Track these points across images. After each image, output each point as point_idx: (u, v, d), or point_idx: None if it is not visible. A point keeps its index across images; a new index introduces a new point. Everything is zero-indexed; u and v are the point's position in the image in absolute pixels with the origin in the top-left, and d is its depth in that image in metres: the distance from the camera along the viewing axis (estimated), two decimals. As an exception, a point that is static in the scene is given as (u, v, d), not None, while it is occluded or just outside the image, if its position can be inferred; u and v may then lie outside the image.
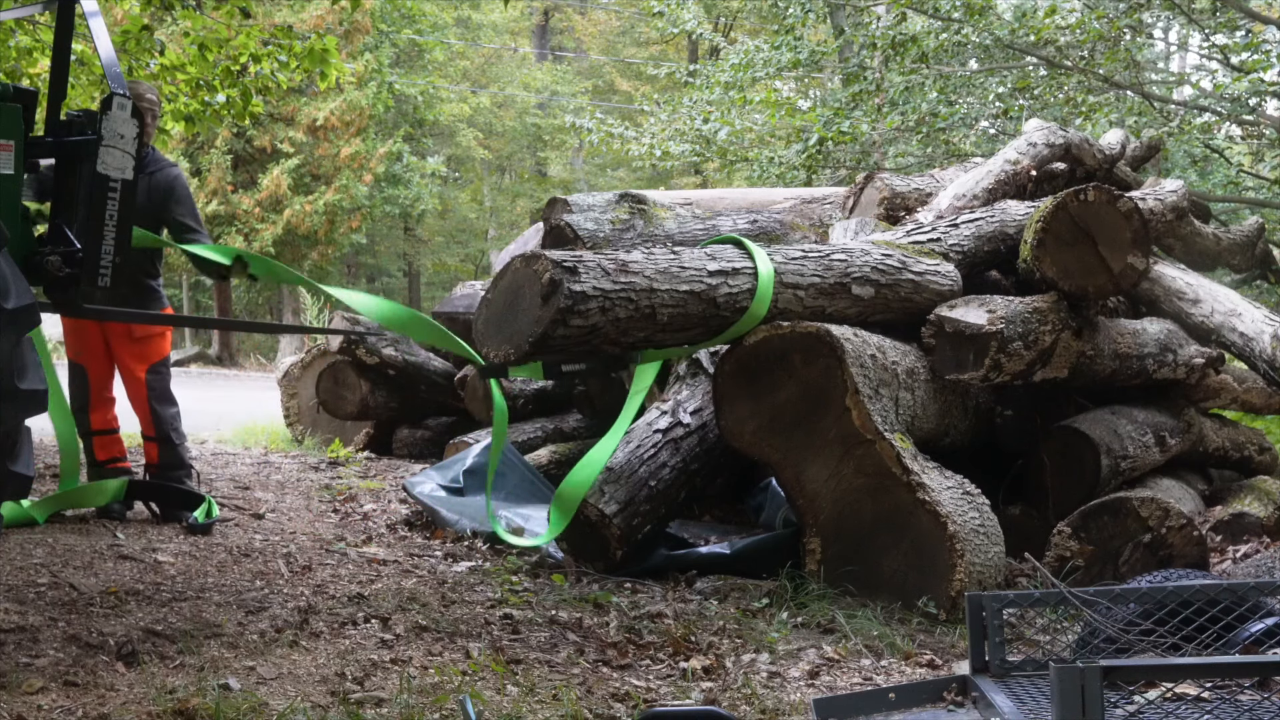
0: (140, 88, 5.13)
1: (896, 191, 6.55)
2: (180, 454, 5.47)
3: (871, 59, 12.84)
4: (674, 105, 15.64)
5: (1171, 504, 4.45)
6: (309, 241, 19.96)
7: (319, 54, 7.60)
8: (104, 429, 5.42)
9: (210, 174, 19.25)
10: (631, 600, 4.24)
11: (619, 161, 24.03)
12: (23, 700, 2.86)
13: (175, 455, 5.44)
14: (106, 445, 5.43)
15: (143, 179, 4.98)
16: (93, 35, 3.80)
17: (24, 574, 4.04)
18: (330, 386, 7.94)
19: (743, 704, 3.16)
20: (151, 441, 5.43)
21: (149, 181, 5.13)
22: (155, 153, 5.32)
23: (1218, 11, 11.16)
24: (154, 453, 5.44)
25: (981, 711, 2.32)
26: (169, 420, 5.40)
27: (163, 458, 5.42)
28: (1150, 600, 2.43)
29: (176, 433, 5.46)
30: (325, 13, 18.51)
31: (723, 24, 25.05)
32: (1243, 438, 6.72)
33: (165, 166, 5.34)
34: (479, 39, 28.70)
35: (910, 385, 4.71)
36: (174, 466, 5.44)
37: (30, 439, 3.15)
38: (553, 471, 6.08)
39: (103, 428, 5.42)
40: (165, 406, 5.39)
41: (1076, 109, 11.34)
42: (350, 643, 3.54)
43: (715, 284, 4.44)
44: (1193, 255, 7.43)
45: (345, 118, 19.71)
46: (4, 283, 2.99)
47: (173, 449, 5.43)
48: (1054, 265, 5.07)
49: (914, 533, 4.22)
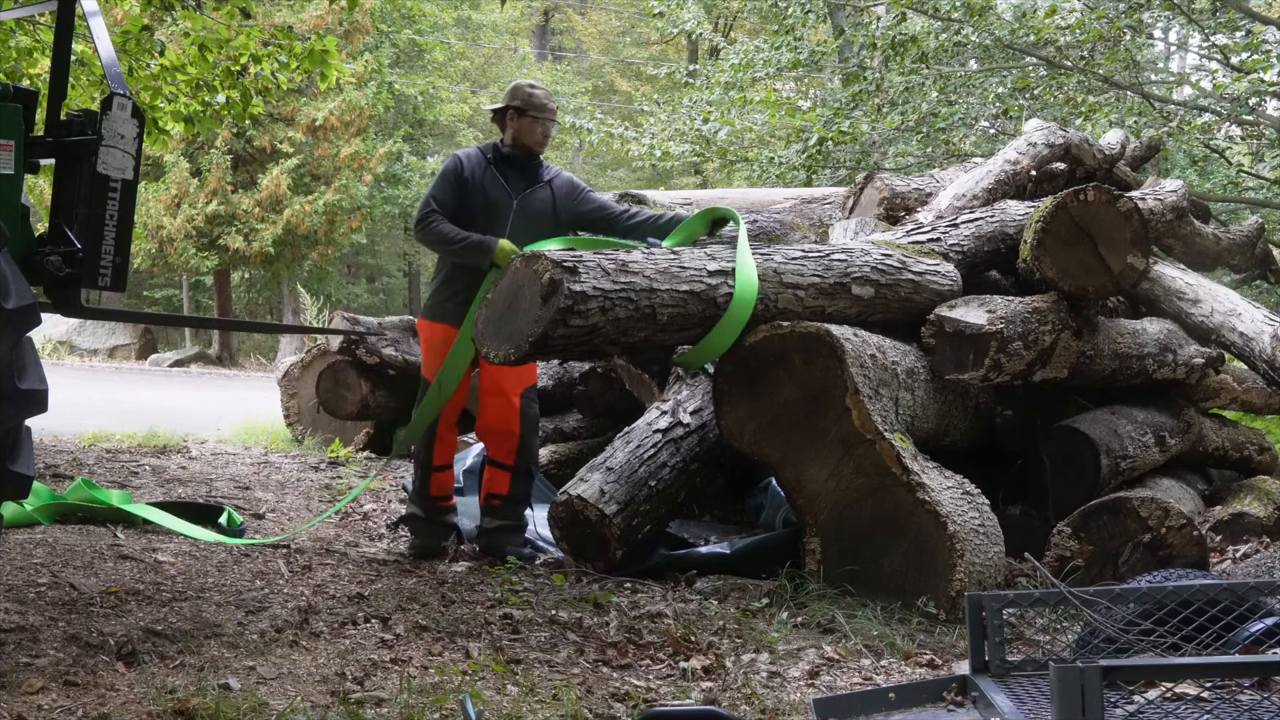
0: (545, 98, 5.00)
1: (896, 191, 6.55)
2: (530, 489, 5.00)
3: (871, 59, 12.83)
4: (674, 105, 15.64)
5: (1171, 504, 4.45)
6: (309, 241, 19.95)
7: (319, 55, 7.61)
8: (444, 464, 5.01)
9: (210, 174, 19.24)
10: (631, 600, 4.24)
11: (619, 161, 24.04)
12: (23, 700, 2.86)
13: (528, 490, 4.97)
14: (442, 482, 4.99)
15: (542, 188, 4.94)
16: (93, 35, 3.80)
17: (24, 574, 4.04)
18: (330, 386, 7.93)
19: (743, 704, 3.16)
20: (506, 470, 4.93)
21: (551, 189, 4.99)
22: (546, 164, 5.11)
23: (1218, 11, 11.16)
24: (505, 483, 4.92)
25: (981, 711, 2.32)
26: (534, 452, 5.02)
27: (515, 490, 4.93)
28: (1150, 600, 2.43)
29: (536, 465, 5.07)
30: (325, 13, 18.50)
31: (723, 24, 25.05)
32: (1243, 438, 6.72)
33: (558, 172, 5.11)
34: (479, 39, 28.70)
35: (910, 385, 4.71)
36: (522, 501, 4.97)
37: (30, 439, 3.14)
38: (553, 472, 6.08)
39: (443, 462, 5.00)
40: (534, 437, 5.00)
41: (1076, 109, 11.34)
42: (350, 643, 3.55)
43: (715, 284, 4.44)
44: (1193, 255, 7.43)
45: (345, 118, 19.70)
46: (4, 283, 2.99)
47: (528, 483, 4.97)
48: (1054, 265, 5.07)
49: (914, 533, 4.22)
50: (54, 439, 7.65)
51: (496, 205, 4.89)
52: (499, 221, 4.87)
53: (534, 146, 4.99)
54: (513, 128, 4.98)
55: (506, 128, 5.00)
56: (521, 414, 4.91)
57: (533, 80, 5.29)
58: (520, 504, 4.97)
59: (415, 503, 5.02)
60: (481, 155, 4.99)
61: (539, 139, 4.99)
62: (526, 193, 4.94)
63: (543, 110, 4.98)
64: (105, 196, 3.51)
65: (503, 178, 4.93)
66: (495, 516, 4.95)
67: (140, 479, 6.36)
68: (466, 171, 4.91)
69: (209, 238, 19.38)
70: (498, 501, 4.94)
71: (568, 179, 5.09)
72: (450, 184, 4.90)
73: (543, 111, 4.98)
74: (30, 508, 4.86)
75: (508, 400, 4.87)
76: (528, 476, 4.97)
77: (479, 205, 4.89)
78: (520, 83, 5.09)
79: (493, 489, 4.95)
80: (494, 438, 4.94)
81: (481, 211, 4.88)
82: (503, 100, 5.05)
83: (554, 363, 6.93)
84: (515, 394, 4.89)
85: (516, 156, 4.97)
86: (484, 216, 4.87)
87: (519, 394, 4.91)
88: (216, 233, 19.37)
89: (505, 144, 5.01)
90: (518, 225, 4.88)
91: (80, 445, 7.66)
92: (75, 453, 7.19)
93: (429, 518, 4.98)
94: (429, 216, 4.85)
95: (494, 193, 4.91)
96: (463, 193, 4.90)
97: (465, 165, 4.93)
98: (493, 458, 4.99)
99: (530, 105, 4.96)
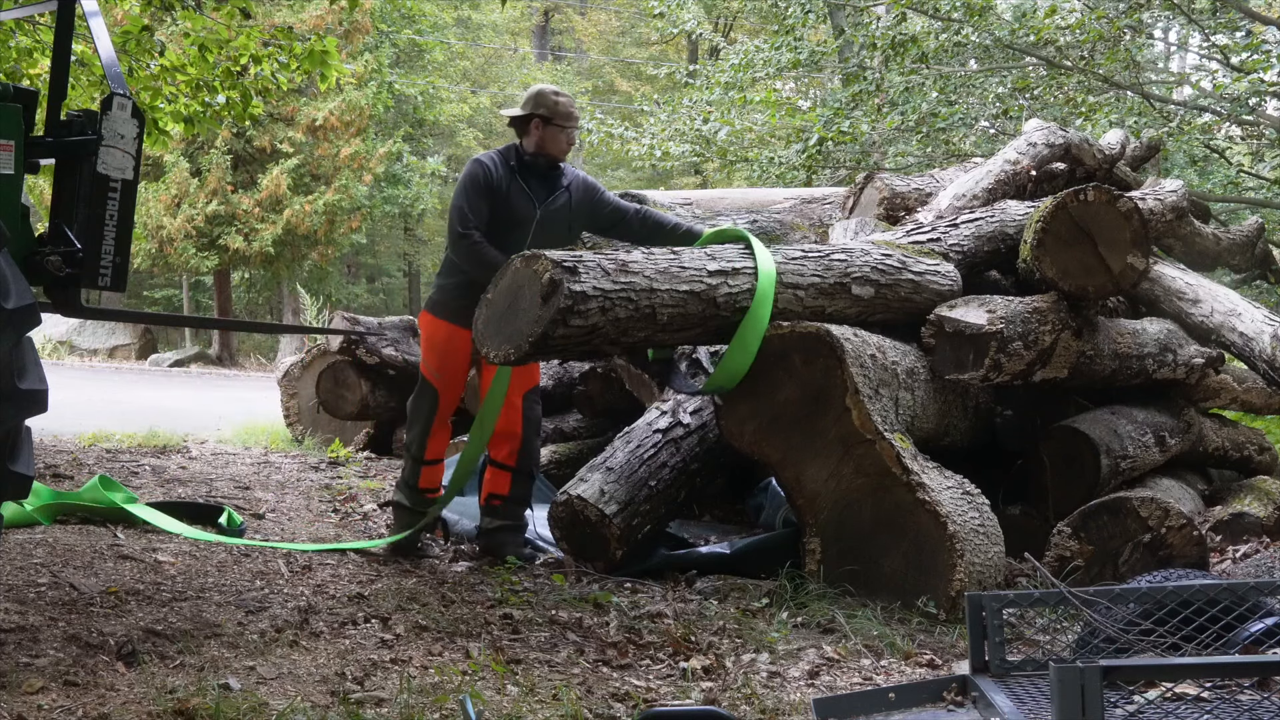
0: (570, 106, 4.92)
1: (896, 191, 6.55)
2: (531, 491, 4.99)
3: (871, 59, 12.83)
4: (674, 105, 15.63)
5: (1171, 504, 4.45)
6: (309, 241, 19.96)
7: (319, 55, 7.61)
8: (435, 458, 4.97)
9: (210, 174, 19.25)
10: (631, 600, 4.24)
11: (619, 161, 24.04)
12: (23, 700, 2.86)
13: (528, 491, 4.96)
14: (431, 475, 4.97)
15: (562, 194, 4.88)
16: (93, 35, 3.80)
17: (24, 574, 4.04)
18: (330, 386, 7.94)
19: (743, 704, 3.16)
20: (507, 471, 4.91)
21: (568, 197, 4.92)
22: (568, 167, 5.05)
23: (1218, 11, 11.16)
24: (506, 484, 4.90)
25: (981, 711, 2.32)
26: (536, 454, 5.01)
27: (515, 491, 4.91)
28: (1150, 600, 2.43)
29: (538, 467, 5.06)
30: (325, 13, 18.51)
31: (723, 24, 25.06)
32: (1243, 438, 6.72)
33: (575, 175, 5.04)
34: (479, 39, 28.71)
35: (910, 385, 4.71)
36: (522, 502, 4.96)
37: (30, 439, 3.14)
38: (553, 472, 6.08)
39: (435, 456, 4.97)
40: (537, 438, 4.98)
41: (1076, 109, 11.34)
42: (350, 643, 3.55)
43: (715, 284, 4.44)
44: (1193, 255, 7.43)
45: (345, 118, 19.70)
46: (4, 283, 2.99)
47: (529, 485, 4.96)
48: (1054, 265, 5.07)
49: (914, 533, 4.22)
50: (54, 439, 7.65)
51: (520, 216, 4.79)
52: (521, 232, 4.76)
53: (558, 155, 4.89)
54: (537, 135, 4.84)
55: (530, 135, 4.86)
56: (524, 416, 4.89)
57: (556, 87, 5.17)
58: (521, 505, 4.96)
59: (402, 491, 5.01)
60: (505, 162, 4.85)
61: (564, 148, 4.89)
62: (548, 201, 4.85)
63: (569, 119, 4.88)
64: (105, 196, 3.51)
65: (527, 187, 4.82)
66: (496, 517, 4.94)
67: (140, 479, 6.36)
68: (494, 180, 4.78)
69: (209, 238, 19.39)
70: (498, 502, 4.93)
71: (583, 180, 5.00)
72: (481, 194, 4.76)
73: (569, 120, 4.88)
74: (30, 508, 4.85)
75: (510, 402, 4.82)
76: (529, 478, 4.96)
77: (504, 215, 4.78)
78: (544, 89, 4.97)
79: (494, 490, 4.94)
80: (496, 439, 4.91)
81: (506, 221, 4.77)
82: (526, 107, 4.89)
83: (554, 363, 6.93)
84: (517, 395, 4.86)
85: (539, 165, 4.86)
86: (507, 226, 4.76)
87: (521, 396, 4.87)
88: (216, 233, 19.37)
89: (528, 152, 4.87)
90: (539, 235, 4.78)
91: (80, 445, 7.66)
92: (75, 453, 7.19)
93: (414, 508, 4.97)
94: (468, 235, 4.71)
95: (519, 202, 4.80)
96: (491, 202, 4.78)
97: (493, 173, 4.79)
98: (494, 458, 4.96)
99: (556, 114, 4.84)
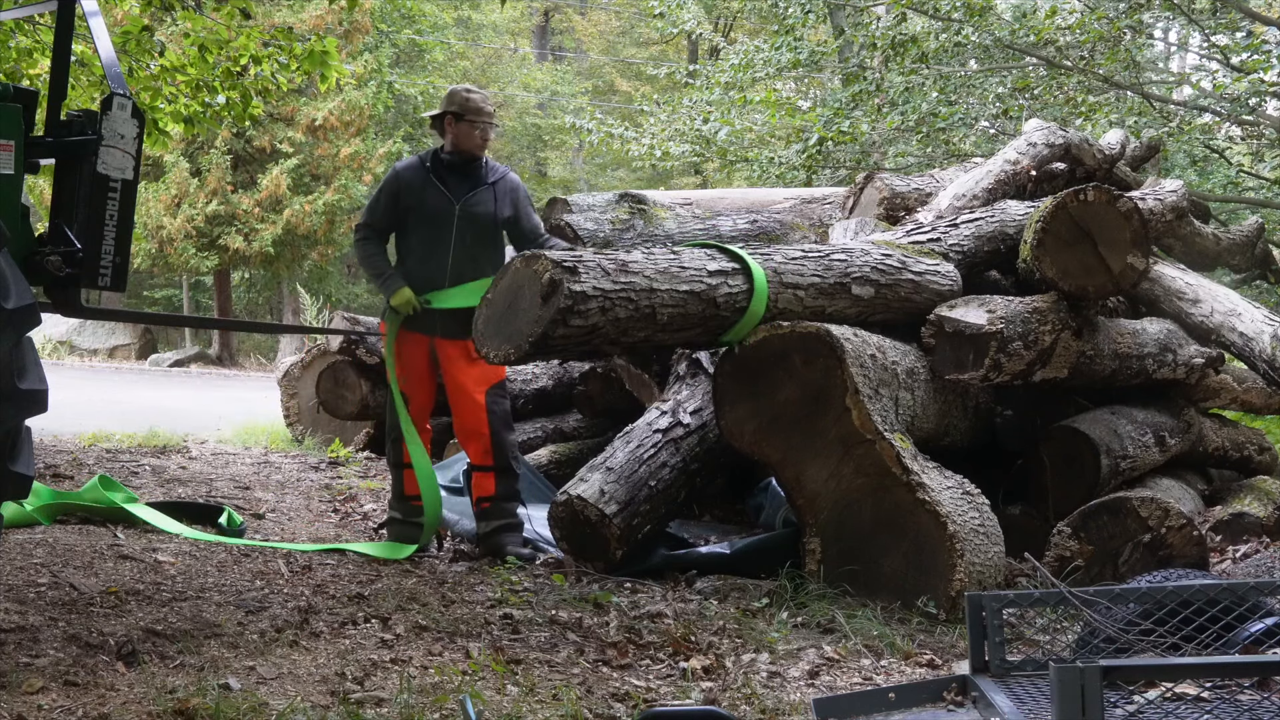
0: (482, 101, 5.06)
1: (896, 191, 6.56)
2: (517, 484, 5.00)
3: (871, 59, 12.84)
4: (674, 105, 15.64)
5: (1171, 504, 4.45)
6: (309, 241, 19.95)
7: (319, 55, 7.61)
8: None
9: (210, 174, 19.24)
10: (631, 600, 4.24)
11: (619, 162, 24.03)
12: (23, 700, 2.86)
13: (514, 486, 4.97)
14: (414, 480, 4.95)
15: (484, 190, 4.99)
16: (93, 35, 3.80)
17: (24, 574, 4.04)
18: (330, 386, 7.93)
19: (743, 704, 3.16)
20: (488, 472, 4.92)
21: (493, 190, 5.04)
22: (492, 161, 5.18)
23: (1218, 12, 11.17)
24: (490, 484, 4.91)
25: (981, 711, 2.32)
26: (511, 447, 4.98)
27: (500, 489, 4.92)
28: (1150, 600, 2.43)
29: (517, 460, 5.05)
30: (325, 13, 18.50)
31: (723, 24, 25.05)
32: (1242, 438, 6.72)
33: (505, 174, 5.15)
34: (479, 39, 28.70)
35: (910, 385, 4.71)
36: (511, 498, 4.97)
37: (30, 439, 3.15)
38: (553, 471, 6.08)
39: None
40: (508, 432, 4.96)
41: (1076, 109, 11.34)
42: (350, 643, 3.55)
43: (715, 284, 4.44)
44: (1193, 255, 7.43)
45: (345, 118, 19.70)
46: (4, 283, 2.99)
47: (513, 480, 4.96)
48: (1054, 265, 5.07)
49: (914, 533, 4.22)
50: (54, 439, 7.65)
51: (438, 213, 4.94)
52: (443, 228, 4.92)
53: (474, 151, 5.03)
54: (451, 133, 5.02)
55: (446, 133, 5.05)
56: (488, 411, 4.90)
57: (470, 85, 5.38)
58: (510, 501, 4.98)
59: (393, 505, 5.14)
60: (421, 164, 5.04)
61: (478, 143, 5.02)
62: (469, 197, 4.97)
63: (480, 114, 5.01)
64: (105, 196, 3.52)
65: (443, 185, 4.97)
66: (490, 519, 4.96)
67: (140, 479, 6.36)
68: (403, 184, 4.99)
69: (209, 238, 19.38)
70: (488, 504, 4.95)
71: (513, 185, 5.11)
72: (382, 203, 5.03)
73: (480, 115, 5.01)
74: (30, 508, 4.86)
75: (472, 399, 4.89)
76: (510, 473, 4.96)
77: (421, 214, 4.95)
78: (456, 88, 5.17)
79: (481, 492, 4.97)
80: (467, 440, 5.00)
81: (424, 220, 4.95)
82: (440, 106, 5.10)
83: (554, 363, 6.93)
84: (479, 392, 4.90)
85: (457, 162, 5.02)
86: (426, 224, 4.94)
87: (483, 392, 4.91)
88: (216, 233, 19.36)
89: (445, 150, 5.05)
90: (463, 229, 4.94)
91: (80, 445, 7.66)
92: (75, 453, 7.19)
93: (405, 518, 5.02)
94: (357, 232, 5.08)
95: (434, 201, 4.95)
96: (398, 207, 4.98)
97: (401, 178, 5.01)
98: (472, 462, 5.02)
99: (467, 110, 4.99)
